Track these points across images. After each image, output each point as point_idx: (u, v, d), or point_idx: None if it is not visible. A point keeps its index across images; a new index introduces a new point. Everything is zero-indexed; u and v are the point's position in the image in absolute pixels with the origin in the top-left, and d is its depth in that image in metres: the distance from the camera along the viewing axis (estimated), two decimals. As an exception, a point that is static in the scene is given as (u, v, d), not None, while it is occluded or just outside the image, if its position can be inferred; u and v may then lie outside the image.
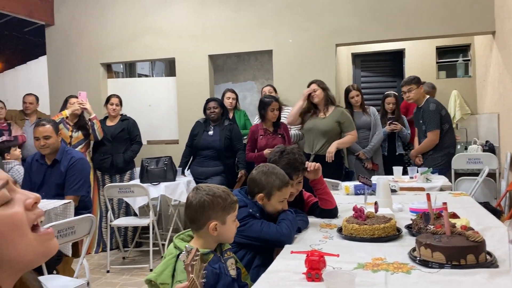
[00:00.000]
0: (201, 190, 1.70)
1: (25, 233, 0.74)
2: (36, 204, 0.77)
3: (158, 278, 1.63)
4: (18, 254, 0.73)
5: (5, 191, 0.73)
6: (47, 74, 5.68)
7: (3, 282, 0.73)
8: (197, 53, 5.07)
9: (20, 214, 0.74)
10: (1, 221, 0.71)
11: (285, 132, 4.13)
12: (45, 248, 0.78)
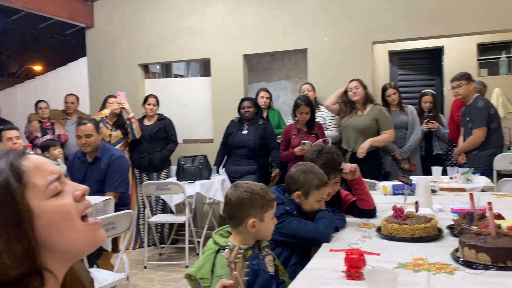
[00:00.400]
0: (240, 187, 1.72)
1: (75, 223, 0.77)
2: (84, 195, 0.81)
3: (197, 273, 1.65)
4: (68, 243, 0.76)
5: (57, 183, 0.77)
6: (87, 75, 5.86)
7: (55, 270, 0.76)
8: (231, 53, 5.11)
9: (70, 205, 0.77)
10: (52, 211, 0.75)
11: (319, 132, 4.10)
12: (94, 237, 0.81)
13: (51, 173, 0.77)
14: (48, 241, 0.74)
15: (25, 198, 0.72)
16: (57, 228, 0.75)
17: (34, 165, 0.76)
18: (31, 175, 0.75)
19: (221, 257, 1.63)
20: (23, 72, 10.79)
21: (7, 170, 0.73)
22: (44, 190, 0.75)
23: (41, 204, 0.74)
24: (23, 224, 0.71)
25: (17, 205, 0.71)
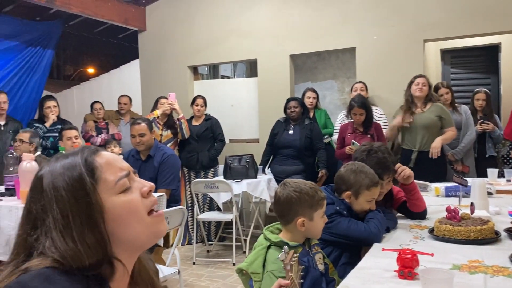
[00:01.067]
0: (289, 186, 1.73)
1: (141, 217, 0.82)
2: (150, 192, 0.85)
3: (249, 268, 1.69)
4: (134, 236, 0.82)
5: (126, 180, 0.82)
6: (140, 77, 6.09)
7: (124, 260, 0.82)
8: (278, 53, 5.14)
9: (137, 200, 0.82)
10: (120, 206, 0.80)
11: (376, 132, 3.98)
12: (157, 229, 0.86)
13: (121, 170, 0.83)
14: (116, 233, 0.79)
15: (97, 192, 0.78)
16: (124, 222, 0.80)
17: (106, 161, 0.82)
18: (103, 170, 0.80)
19: (273, 253, 1.67)
20: (78, 75, 11.33)
21: (82, 165, 0.79)
22: (114, 185, 0.80)
23: (111, 198, 0.79)
24: (94, 216, 0.77)
25: (89, 198, 0.77)
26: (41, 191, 0.78)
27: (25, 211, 0.80)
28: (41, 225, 0.76)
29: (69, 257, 0.73)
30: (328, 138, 4.85)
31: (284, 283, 1.27)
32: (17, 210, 2.61)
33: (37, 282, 0.69)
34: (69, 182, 0.77)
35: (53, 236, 0.75)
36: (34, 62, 5.80)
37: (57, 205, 0.76)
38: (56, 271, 0.71)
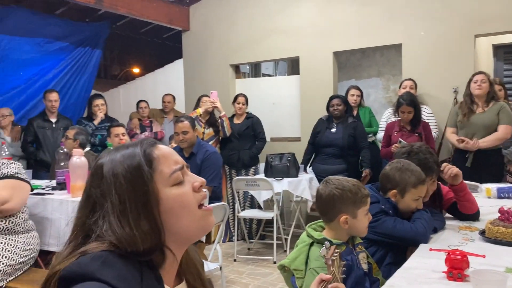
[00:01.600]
0: (331, 183, 1.71)
1: (192, 210, 0.85)
2: (201, 187, 0.88)
3: (291, 264, 1.68)
4: (183, 228, 0.84)
5: (179, 173, 0.85)
6: (183, 76, 6.19)
7: (174, 250, 0.84)
8: (321, 51, 5.07)
9: (188, 194, 0.85)
10: (173, 198, 0.83)
11: (424, 132, 3.85)
12: (205, 223, 0.88)
13: (175, 163, 0.86)
14: (167, 224, 0.82)
15: (153, 182, 0.81)
16: (176, 214, 0.83)
17: (162, 154, 0.85)
18: (159, 162, 0.83)
19: (315, 250, 1.65)
20: (124, 75, 11.69)
21: (141, 155, 0.83)
22: (168, 177, 0.83)
23: (165, 190, 0.82)
24: (150, 204, 0.80)
25: (146, 187, 0.80)
26: (101, 177, 0.81)
27: (84, 195, 0.84)
28: (99, 209, 0.80)
29: (125, 241, 0.76)
30: (372, 137, 4.75)
31: (326, 278, 1.26)
32: (68, 204, 2.72)
33: (96, 264, 0.72)
34: (128, 170, 0.81)
35: (111, 220, 0.78)
36: (83, 62, 6.04)
37: (116, 191, 0.79)
38: (112, 255, 0.75)
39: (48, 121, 4.75)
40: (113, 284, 0.70)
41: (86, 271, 0.71)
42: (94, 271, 0.71)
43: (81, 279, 0.70)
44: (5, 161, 2.60)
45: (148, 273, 0.77)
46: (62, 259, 0.77)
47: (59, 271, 0.74)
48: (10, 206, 2.42)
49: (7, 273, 2.30)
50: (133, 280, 0.74)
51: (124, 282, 0.72)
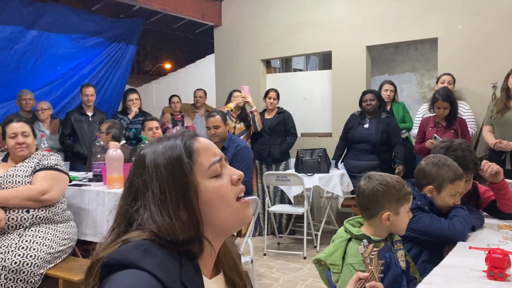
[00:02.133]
0: (374, 179, 1.67)
1: (230, 203, 0.85)
2: (239, 180, 0.88)
3: (328, 259, 1.67)
4: (221, 220, 0.85)
5: (217, 166, 0.86)
6: (214, 71, 6.24)
7: (212, 242, 0.85)
8: (354, 45, 5.00)
9: (226, 187, 0.86)
10: (211, 191, 0.84)
11: (460, 128, 3.75)
12: (243, 215, 0.88)
13: (214, 155, 0.87)
14: (205, 216, 0.83)
15: (193, 174, 0.82)
16: (214, 206, 0.84)
17: (202, 146, 0.87)
18: (199, 154, 0.85)
19: (353, 246, 1.63)
20: (156, 70, 11.87)
21: (181, 147, 0.84)
22: (207, 169, 0.84)
23: (203, 182, 0.83)
24: (189, 195, 0.81)
25: (186, 178, 0.81)
26: (143, 167, 0.84)
27: (127, 184, 0.86)
28: (141, 198, 0.82)
29: (165, 230, 0.78)
30: (406, 133, 4.65)
31: (363, 276, 1.24)
32: (104, 195, 2.79)
33: (137, 253, 0.74)
34: (169, 161, 0.82)
35: (151, 209, 0.80)
36: (118, 57, 6.18)
37: (157, 181, 0.81)
38: (153, 244, 0.77)
39: (84, 114, 4.89)
40: (153, 272, 0.71)
41: (127, 259, 0.73)
42: (135, 259, 0.73)
43: (123, 267, 0.72)
44: (45, 153, 2.69)
45: (187, 263, 0.79)
46: (105, 246, 0.79)
47: (102, 258, 0.76)
48: (50, 196, 2.51)
49: (47, 261, 2.39)
50: (173, 269, 0.75)
51: (164, 271, 0.73)
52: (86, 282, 0.79)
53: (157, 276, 0.71)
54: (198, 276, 0.80)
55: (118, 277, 0.71)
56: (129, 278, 0.71)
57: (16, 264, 2.27)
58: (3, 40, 4.80)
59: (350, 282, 1.26)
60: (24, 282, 2.28)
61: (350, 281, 1.27)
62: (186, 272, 0.77)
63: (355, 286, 1.22)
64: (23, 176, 2.51)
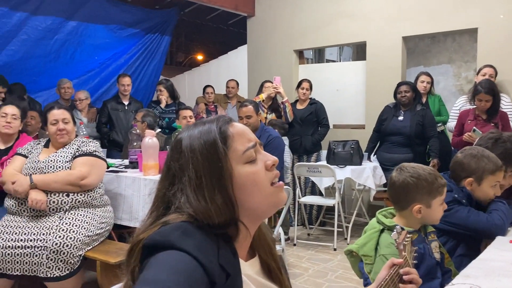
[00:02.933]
0: (405, 171, 1.65)
1: (264, 188, 0.86)
2: (274, 165, 0.89)
3: (360, 250, 1.67)
4: (256, 204, 0.86)
5: (252, 151, 0.86)
6: (247, 61, 6.25)
7: (246, 224, 0.86)
8: (390, 36, 4.89)
9: (261, 173, 0.86)
10: (245, 176, 0.84)
11: (501, 121, 3.63)
12: (277, 199, 0.89)
13: (249, 141, 0.87)
14: (240, 200, 0.84)
15: (228, 159, 0.83)
16: (248, 191, 0.84)
17: (237, 131, 0.87)
18: (234, 139, 0.86)
19: (386, 237, 1.62)
20: (188, 62, 12.00)
21: (216, 132, 0.85)
22: (241, 155, 0.85)
23: (238, 167, 0.84)
24: (224, 179, 0.82)
25: (221, 163, 0.83)
26: (180, 151, 0.85)
27: (165, 168, 0.88)
28: (178, 182, 0.84)
29: (201, 214, 0.80)
30: (442, 126, 4.54)
31: (398, 262, 1.23)
32: (140, 181, 2.86)
33: (176, 234, 0.76)
34: (204, 146, 0.84)
35: (188, 193, 0.82)
36: (153, 48, 6.28)
37: (193, 165, 0.83)
38: (191, 226, 0.78)
39: (121, 103, 5.00)
40: (192, 253, 0.73)
41: (167, 240, 0.74)
42: (175, 241, 0.74)
43: (163, 248, 0.74)
44: (84, 140, 2.78)
45: (224, 245, 0.80)
46: (145, 229, 0.81)
47: (142, 239, 0.78)
48: (89, 181, 2.60)
49: (85, 243, 2.48)
50: (211, 250, 0.76)
51: (202, 252, 0.74)
52: (128, 263, 0.81)
53: (196, 257, 0.73)
54: (235, 258, 0.81)
55: (158, 257, 0.73)
56: (169, 258, 0.72)
57: (56, 245, 2.36)
58: (44, 30, 4.96)
59: (384, 268, 1.25)
60: (64, 262, 2.38)
61: (383, 266, 1.26)
62: (223, 254, 0.78)
63: (388, 272, 1.21)
64: (63, 162, 2.60)
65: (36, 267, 2.37)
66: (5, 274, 2.40)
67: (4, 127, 2.97)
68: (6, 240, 2.40)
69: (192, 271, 0.71)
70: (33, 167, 2.58)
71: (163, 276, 0.67)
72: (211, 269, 0.73)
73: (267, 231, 0.99)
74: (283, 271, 0.98)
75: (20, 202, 2.53)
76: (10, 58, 4.80)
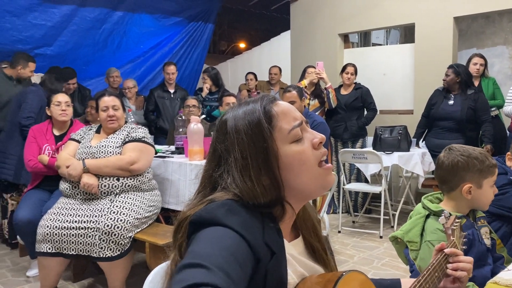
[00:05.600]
0: (455, 150, 1.60)
1: (311, 168, 0.84)
2: (321, 143, 0.86)
3: (405, 236, 1.63)
4: (303, 185, 0.84)
5: (298, 130, 0.84)
6: (290, 47, 6.18)
7: (292, 203, 0.85)
8: (440, 16, 4.68)
9: (308, 151, 0.84)
10: (292, 155, 0.83)
11: None
12: (325, 181, 0.87)
13: (294, 119, 0.86)
14: (287, 180, 0.83)
15: (273, 139, 0.82)
16: (295, 170, 0.83)
17: (282, 110, 0.86)
18: (279, 119, 0.84)
19: (432, 222, 1.57)
20: (231, 50, 12.06)
21: (260, 112, 0.84)
22: (287, 134, 0.83)
23: (284, 147, 0.83)
24: (270, 160, 0.81)
25: (266, 143, 0.82)
26: (225, 133, 0.85)
27: (211, 150, 0.89)
28: (224, 163, 0.84)
29: (247, 194, 0.80)
30: (496, 111, 4.32)
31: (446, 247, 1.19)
32: (186, 166, 2.92)
33: (222, 211, 0.76)
34: (249, 127, 0.83)
35: (234, 174, 0.82)
36: (197, 36, 6.34)
37: (238, 146, 0.82)
38: (237, 204, 0.79)
39: (167, 91, 5.11)
40: (237, 230, 0.73)
41: (213, 216, 0.75)
42: (220, 217, 0.75)
43: (208, 224, 0.75)
44: (133, 126, 2.87)
45: (269, 224, 0.80)
46: (193, 206, 0.83)
47: (189, 216, 0.79)
48: (138, 166, 2.68)
49: (135, 225, 2.57)
50: (256, 228, 0.76)
51: (248, 229, 0.74)
52: (175, 238, 0.83)
53: (241, 233, 0.73)
54: (279, 237, 0.81)
55: (204, 233, 0.74)
56: (215, 234, 0.73)
57: (108, 227, 2.46)
58: (92, 20, 5.11)
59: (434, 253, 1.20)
60: (115, 243, 2.48)
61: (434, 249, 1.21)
62: (268, 233, 0.78)
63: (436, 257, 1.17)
64: (114, 147, 2.70)
65: (90, 248, 2.48)
66: (61, 253, 2.53)
67: (60, 115, 3.10)
68: (62, 221, 2.52)
69: (237, 246, 0.71)
70: (86, 152, 2.69)
71: (211, 251, 0.68)
72: (256, 245, 0.73)
73: (311, 211, 0.98)
74: (328, 252, 0.96)
75: (73, 185, 2.65)
76: (62, 49, 4.99)
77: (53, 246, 2.52)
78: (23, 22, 4.56)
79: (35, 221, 2.67)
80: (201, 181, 0.88)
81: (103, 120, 2.77)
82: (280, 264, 0.78)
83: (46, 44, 4.86)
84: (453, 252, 1.11)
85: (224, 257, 0.67)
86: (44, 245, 2.53)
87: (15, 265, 3.35)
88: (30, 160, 3.01)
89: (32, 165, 3.00)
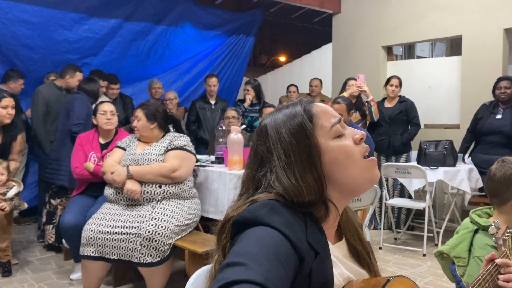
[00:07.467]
0: (508, 162, 1.56)
1: (357, 162, 0.85)
2: (362, 140, 0.88)
3: (451, 251, 1.58)
4: (349, 179, 0.85)
5: (338, 126, 0.86)
6: (332, 59, 6.14)
7: (337, 201, 0.86)
8: (489, 28, 4.52)
9: (351, 146, 0.86)
10: (335, 150, 0.84)
11: None
12: (371, 174, 0.87)
13: (333, 117, 0.88)
14: (333, 175, 0.84)
15: (315, 136, 0.84)
16: (341, 165, 0.84)
17: (321, 109, 0.88)
18: (319, 117, 0.86)
19: (481, 238, 1.52)
20: (271, 64, 12.14)
21: (302, 112, 0.86)
22: (329, 130, 0.85)
23: (326, 143, 0.84)
24: (313, 158, 0.83)
25: (309, 141, 0.83)
26: (266, 135, 0.87)
27: (252, 153, 0.90)
28: (267, 163, 0.85)
29: (291, 192, 0.81)
30: None
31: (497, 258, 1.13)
32: (225, 176, 2.94)
33: (265, 210, 0.77)
34: (291, 125, 0.85)
35: (278, 172, 0.83)
36: (238, 49, 6.43)
37: (281, 145, 0.84)
38: (279, 203, 0.79)
39: (208, 103, 5.19)
40: (280, 229, 0.74)
41: (256, 216, 0.76)
42: (263, 217, 0.75)
43: (252, 224, 0.76)
44: (176, 135, 2.92)
45: (311, 224, 0.80)
46: (237, 207, 0.84)
47: (232, 217, 0.80)
48: (179, 174, 2.72)
49: (175, 232, 2.60)
50: (299, 227, 0.77)
51: (291, 229, 0.75)
52: (218, 239, 0.84)
53: (284, 232, 0.73)
54: (322, 237, 0.81)
55: (248, 233, 0.75)
56: (258, 233, 0.73)
57: (149, 233, 2.50)
58: (137, 33, 5.29)
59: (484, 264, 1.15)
60: (155, 249, 2.51)
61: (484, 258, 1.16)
62: (311, 232, 0.78)
63: (487, 267, 1.11)
64: (156, 155, 2.75)
65: (131, 253, 2.53)
66: (103, 257, 2.59)
67: (106, 123, 3.20)
68: (106, 226, 2.58)
69: (280, 245, 0.72)
70: (130, 159, 2.76)
71: (253, 250, 0.69)
72: (299, 245, 0.74)
73: (353, 215, 0.98)
74: (372, 256, 0.96)
75: (118, 191, 2.71)
76: (106, 59, 5.18)
77: (96, 250, 2.59)
78: (74, 35, 4.79)
79: (80, 225, 2.75)
80: (243, 184, 0.90)
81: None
82: (325, 265, 0.78)
83: (93, 54, 5.07)
84: (504, 263, 1.06)
85: (265, 255, 0.68)
86: (88, 248, 2.60)
87: (59, 268, 3.45)
88: (77, 167, 3.11)
89: (78, 172, 3.11)
